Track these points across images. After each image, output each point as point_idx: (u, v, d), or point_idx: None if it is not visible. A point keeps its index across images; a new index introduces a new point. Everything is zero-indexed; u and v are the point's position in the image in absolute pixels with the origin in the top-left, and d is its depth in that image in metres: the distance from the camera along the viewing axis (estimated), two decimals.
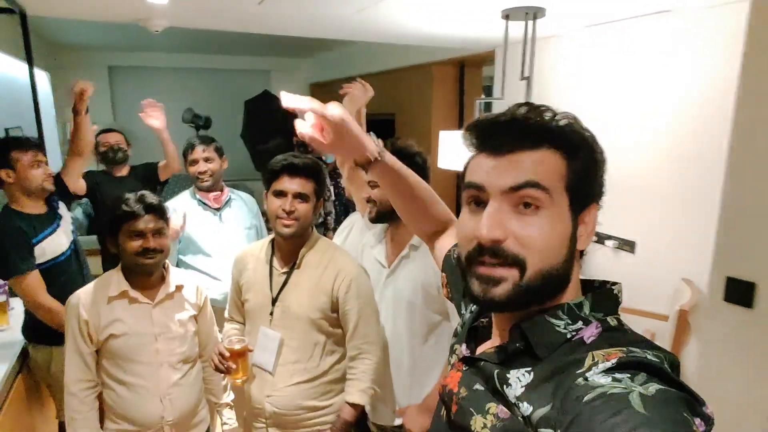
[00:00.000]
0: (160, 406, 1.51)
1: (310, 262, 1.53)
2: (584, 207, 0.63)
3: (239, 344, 1.47)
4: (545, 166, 0.60)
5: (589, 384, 0.51)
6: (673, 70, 2.54)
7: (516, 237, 0.59)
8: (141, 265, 1.48)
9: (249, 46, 5.80)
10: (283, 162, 1.48)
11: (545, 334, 0.60)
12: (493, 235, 0.59)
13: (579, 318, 0.61)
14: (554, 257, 0.60)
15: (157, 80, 6.54)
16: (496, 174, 0.61)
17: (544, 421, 0.54)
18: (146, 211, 1.48)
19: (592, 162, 0.63)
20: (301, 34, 3.34)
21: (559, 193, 0.60)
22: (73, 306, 1.47)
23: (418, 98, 4.66)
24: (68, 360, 1.48)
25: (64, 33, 4.82)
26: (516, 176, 0.59)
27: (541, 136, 0.61)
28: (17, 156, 1.92)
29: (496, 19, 2.59)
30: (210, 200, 2.38)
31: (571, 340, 0.59)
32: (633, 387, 0.48)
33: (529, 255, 0.59)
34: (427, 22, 2.84)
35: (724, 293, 1.53)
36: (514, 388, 0.59)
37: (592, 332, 0.59)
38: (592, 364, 0.54)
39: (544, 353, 0.59)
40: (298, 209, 1.46)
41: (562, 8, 2.45)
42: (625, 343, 0.55)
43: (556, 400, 0.53)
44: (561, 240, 0.60)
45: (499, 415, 0.59)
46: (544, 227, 0.59)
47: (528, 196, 0.59)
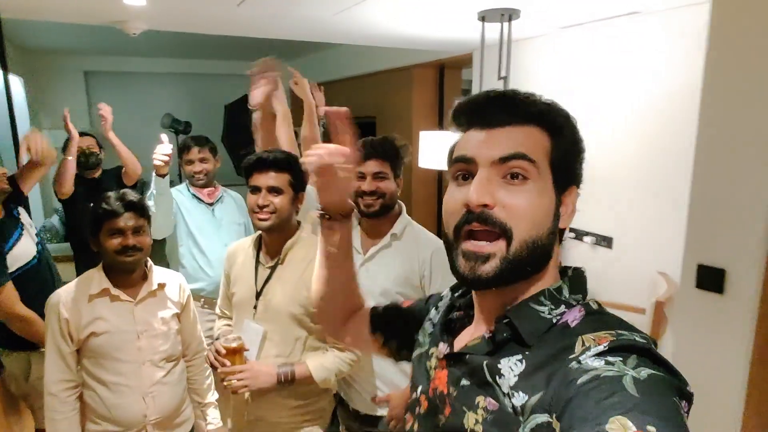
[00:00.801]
0: (143, 405, 1.50)
1: (294, 257, 1.54)
2: (566, 187, 0.65)
3: (235, 342, 1.47)
4: (532, 140, 0.63)
5: (583, 367, 0.52)
6: (642, 69, 2.62)
7: (504, 205, 0.60)
8: (121, 262, 1.48)
9: (229, 50, 5.78)
10: (254, 158, 1.51)
11: (531, 321, 0.61)
12: (483, 199, 0.60)
13: (561, 302, 0.63)
14: (539, 228, 0.61)
15: (135, 85, 6.46)
16: (486, 146, 0.63)
17: (539, 406, 0.54)
18: (126, 209, 1.48)
19: (573, 144, 0.66)
20: (279, 37, 3.35)
21: (544, 168, 0.62)
22: (53, 305, 1.46)
23: (399, 101, 4.70)
24: (48, 360, 1.46)
25: (37, 37, 4.74)
26: (505, 148, 0.61)
27: (529, 113, 0.63)
28: None
29: (473, 20, 2.64)
30: (204, 195, 2.50)
31: (556, 324, 0.61)
32: (626, 370, 0.49)
33: (515, 224, 0.60)
34: (405, 24, 2.87)
35: (696, 280, 1.58)
36: (507, 378, 0.59)
37: (575, 316, 0.61)
38: (584, 348, 0.55)
39: (532, 340, 0.60)
40: (273, 202, 1.47)
41: (536, 10, 2.51)
42: (610, 326, 0.57)
43: (550, 385, 0.54)
44: (545, 212, 0.62)
45: (488, 407, 0.59)
46: (531, 198, 0.61)
47: (516, 167, 0.61)
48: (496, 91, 0.66)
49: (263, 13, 2.62)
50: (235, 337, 1.48)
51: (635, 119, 2.69)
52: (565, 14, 2.65)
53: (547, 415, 0.53)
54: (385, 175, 1.63)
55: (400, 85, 4.67)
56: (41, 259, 2.05)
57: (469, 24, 2.74)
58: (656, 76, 2.56)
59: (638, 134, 2.69)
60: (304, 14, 2.65)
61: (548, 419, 0.53)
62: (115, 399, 1.48)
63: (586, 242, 3.08)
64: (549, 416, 0.53)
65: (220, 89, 6.60)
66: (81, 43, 5.28)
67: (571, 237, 3.17)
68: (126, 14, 2.70)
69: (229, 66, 6.70)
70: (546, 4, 2.42)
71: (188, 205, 2.45)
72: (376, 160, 1.62)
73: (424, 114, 4.54)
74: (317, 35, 3.32)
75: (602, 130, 2.87)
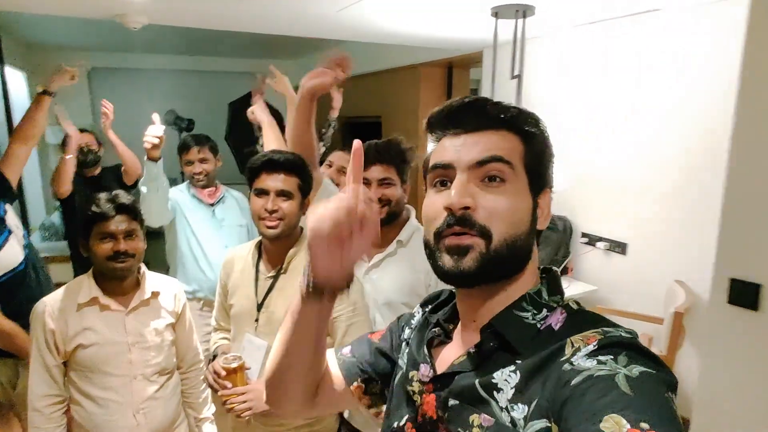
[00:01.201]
0: (134, 422, 1.40)
1: (298, 266, 1.44)
2: (540, 190, 0.67)
3: (236, 362, 1.37)
4: (507, 144, 0.64)
5: (576, 368, 0.53)
6: (666, 68, 2.51)
7: (483, 207, 0.62)
8: (112, 269, 1.38)
9: (233, 47, 5.71)
10: (262, 158, 1.39)
11: (517, 328, 0.62)
12: (464, 201, 0.61)
13: (542, 306, 0.64)
14: (517, 228, 0.63)
15: (138, 82, 6.38)
16: (463, 150, 0.64)
17: (536, 412, 0.55)
18: (117, 211, 1.38)
19: (544, 147, 0.68)
20: (283, 33, 3.26)
21: (520, 170, 0.64)
22: (38, 314, 1.36)
23: (406, 100, 4.60)
24: (33, 373, 1.37)
25: (41, 32, 4.69)
26: (482, 151, 0.63)
27: (501, 118, 0.65)
28: None
29: (486, 17, 2.54)
30: (204, 196, 2.43)
31: (541, 330, 0.62)
32: (618, 369, 0.50)
33: (494, 225, 0.61)
34: (413, 20, 2.78)
35: (728, 295, 1.47)
36: (505, 392, 0.58)
37: (558, 318, 0.62)
38: (575, 349, 0.56)
39: (521, 347, 0.60)
40: (282, 207, 1.37)
41: (552, 6, 2.41)
42: (594, 324, 0.59)
43: (545, 390, 0.55)
44: (524, 213, 0.64)
45: (483, 424, 0.59)
46: (509, 199, 0.62)
47: (494, 170, 0.63)
48: (469, 98, 0.67)
49: (265, 8, 2.53)
50: (235, 357, 1.38)
51: (655, 121, 2.58)
52: (582, 11, 2.55)
53: (545, 420, 0.53)
54: (390, 181, 1.53)
55: (407, 84, 4.57)
56: (28, 264, 1.93)
57: (481, 21, 2.65)
58: (681, 76, 2.44)
59: (658, 137, 2.58)
60: (306, 10, 2.56)
61: (547, 424, 0.53)
62: (103, 415, 1.38)
63: (599, 248, 2.98)
64: (547, 421, 0.53)
65: (224, 87, 6.52)
66: (85, 40, 5.23)
67: (584, 242, 3.06)
68: (126, 8, 2.62)
69: (233, 63, 6.62)
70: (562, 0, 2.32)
71: (189, 205, 2.37)
72: (381, 165, 1.52)
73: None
74: (320, 32, 3.22)
75: (619, 131, 2.76)
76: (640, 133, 2.66)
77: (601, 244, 2.97)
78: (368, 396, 0.82)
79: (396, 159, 1.55)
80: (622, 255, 2.88)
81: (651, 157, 2.63)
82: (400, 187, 1.56)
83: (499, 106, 0.66)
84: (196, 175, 2.38)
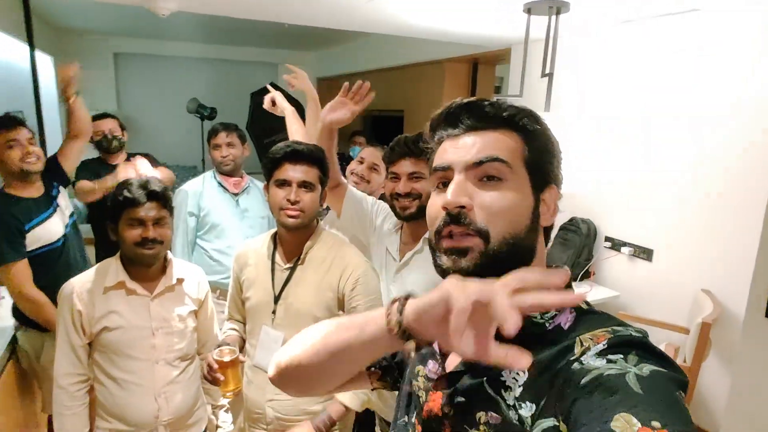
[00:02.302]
0: (155, 405, 1.42)
1: (315, 257, 1.44)
2: (544, 186, 0.66)
3: (229, 356, 1.37)
4: (505, 144, 0.64)
5: (585, 367, 0.52)
6: (699, 70, 2.43)
7: (480, 207, 0.62)
8: (140, 255, 1.39)
9: (257, 37, 5.71)
10: (285, 149, 1.38)
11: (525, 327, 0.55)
12: (459, 200, 0.62)
13: None
14: (516, 226, 0.62)
15: (162, 69, 6.44)
16: (461, 152, 0.65)
17: (545, 411, 0.54)
18: (148, 198, 1.39)
19: (546, 145, 0.68)
20: (310, 23, 3.25)
21: (519, 168, 0.64)
22: (66, 295, 1.38)
23: (429, 95, 4.56)
24: (59, 351, 1.39)
25: (70, 18, 4.74)
26: (479, 151, 0.64)
27: (499, 118, 0.65)
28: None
29: (517, 13, 2.49)
30: (229, 185, 2.45)
31: (550, 328, 0.61)
32: (628, 368, 0.50)
33: (491, 225, 0.61)
34: (441, 15, 2.74)
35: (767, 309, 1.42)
36: (513, 390, 0.58)
37: (567, 317, 0.62)
38: (584, 348, 0.55)
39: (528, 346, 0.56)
40: (303, 199, 1.36)
41: (587, 3, 2.36)
42: (603, 324, 0.58)
43: (554, 389, 0.54)
44: (522, 211, 0.63)
45: (491, 422, 0.59)
46: (507, 197, 0.62)
47: (491, 169, 0.63)
48: (465, 100, 0.68)
49: None
50: (229, 349, 1.38)
51: (689, 125, 2.51)
52: (618, 8, 2.49)
53: (554, 419, 0.53)
54: (421, 175, 1.52)
55: (431, 79, 4.52)
56: (68, 242, 2.00)
57: (511, 17, 2.60)
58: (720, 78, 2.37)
59: (693, 141, 2.51)
60: (339, 1, 2.53)
61: (555, 423, 0.53)
62: (125, 397, 1.40)
63: (624, 253, 2.92)
64: (555, 420, 0.53)
65: (247, 76, 6.55)
66: (112, 25, 5.28)
67: (607, 246, 3.01)
68: None
69: (257, 53, 6.63)
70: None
71: (213, 194, 2.39)
72: (411, 159, 1.52)
73: None
74: (348, 23, 3.20)
75: (651, 134, 2.69)
76: (672, 136, 2.59)
77: (625, 249, 2.91)
78: (383, 382, 0.83)
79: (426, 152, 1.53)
80: (648, 261, 2.82)
81: (683, 162, 2.56)
82: None
83: (497, 105, 0.66)
84: (223, 159, 2.40)
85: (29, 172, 1.89)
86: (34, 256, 1.86)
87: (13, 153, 1.84)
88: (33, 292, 1.81)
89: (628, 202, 2.86)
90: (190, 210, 2.35)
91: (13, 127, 1.87)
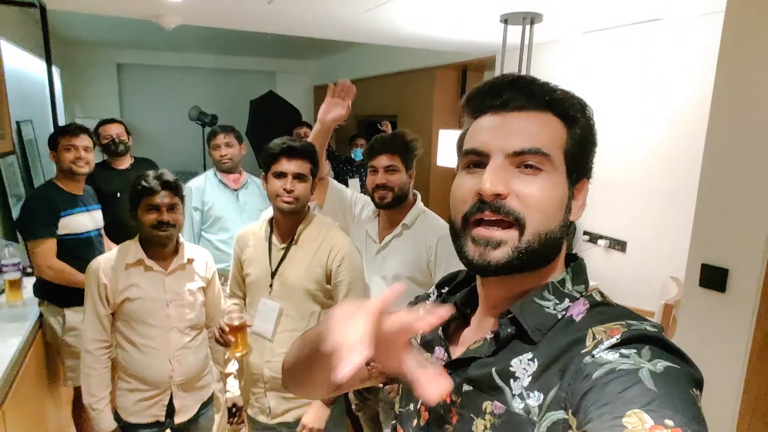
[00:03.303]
0: (169, 367, 1.62)
1: (306, 238, 1.64)
2: (578, 180, 0.63)
3: (238, 320, 1.58)
4: (548, 130, 0.60)
5: (597, 361, 0.51)
6: (660, 76, 2.66)
7: (518, 195, 0.58)
8: (156, 236, 1.60)
9: (255, 47, 5.92)
10: (281, 145, 1.59)
11: (536, 317, 0.60)
12: (497, 188, 0.58)
13: (564, 295, 0.61)
14: (552, 221, 0.60)
15: (164, 78, 6.66)
16: (501, 136, 0.60)
17: (554, 403, 0.54)
18: (162, 187, 1.60)
19: (588, 135, 0.64)
20: (308, 35, 3.47)
21: (559, 159, 0.60)
22: (93, 270, 1.59)
23: (421, 100, 4.79)
24: (87, 321, 1.59)
25: (75, 29, 4.93)
26: (520, 140, 0.59)
27: (546, 100, 0.61)
28: (59, 140, 2.18)
29: (495, 23, 2.71)
30: (229, 181, 2.68)
31: (561, 319, 0.60)
32: (641, 363, 0.49)
33: (528, 215, 0.58)
34: (429, 25, 2.96)
35: (700, 279, 1.63)
36: (522, 380, 0.57)
37: (580, 309, 0.60)
38: (596, 341, 0.54)
39: (538, 336, 0.59)
40: (297, 188, 1.57)
41: (559, 14, 2.58)
42: (617, 317, 0.56)
43: (564, 381, 0.54)
44: (559, 204, 0.60)
45: (495, 411, 0.58)
46: (545, 189, 0.59)
47: (532, 159, 0.59)
48: (513, 75, 0.63)
49: (292, 10, 2.74)
50: (238, 315, 1.60)
51: (649, 125, 2.74)
52: (586, 19, 2.71)
53: (563, 411, 0.52)
54: (395, 168, 1.74)
55: (423, 85, 4.76)
56: (91, 240, 2.29)
57: (492, 27, 2.82)
58: (673, 84, 2.60)
59: (652, 139, 2.74)
60: (331, 12, 2.75)
61: (564, 416, 0.52)
62: (144, 360, 1.60)
63: (600, 245, 3.12)
64: (565, 412, 0.52)
65: (246, 84, 6.77)
66: (116, 37, 5.46)
67: (585, 240, 3.22)
68: (164, 8, 2.84)
69: (256, 62, 6.87)
70: (568, 9, 2.48)
71: (215, 190, 2.61)
72: (387, 154, 1.74)
73: (444, 114, 4.62)
74: (343, 34, 3.42)
75: (618, 135, 2.92)
76: (639, 137, 2.81)
77: (602, 241, 3.12)
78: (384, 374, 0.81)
79: (400, 148, 1.75)
80: (622, 252, 3.03)
81: (651, 159, 2.78)
82: (405, 174, 1.76)
83: (545, 86, 0.62)
84: (222, 158, 2.63)
85: (76, 173, 2.19)
86: (62, 241, 2.13)
87: (69, 155, 2.16)
88: (57, 263, 2.09)
89: (603, 198, 3.08)
90: (194, 205, 2.56)
91: (76, 134, 2.19)
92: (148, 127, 6.45)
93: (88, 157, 2.22)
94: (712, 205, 1.61)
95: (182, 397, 1.67)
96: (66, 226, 2.15)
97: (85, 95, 6.12)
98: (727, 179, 1.56)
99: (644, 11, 2.54)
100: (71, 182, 2.22)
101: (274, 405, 1.64)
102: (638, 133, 2.83)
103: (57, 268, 2.09)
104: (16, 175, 2.89)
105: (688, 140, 2.58)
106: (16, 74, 3.06)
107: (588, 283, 0.65)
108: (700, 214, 1.65)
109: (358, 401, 2.01)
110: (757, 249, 1.50)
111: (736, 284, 1.55)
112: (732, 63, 1.54)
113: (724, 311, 1.58)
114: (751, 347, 1.51)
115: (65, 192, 2.19)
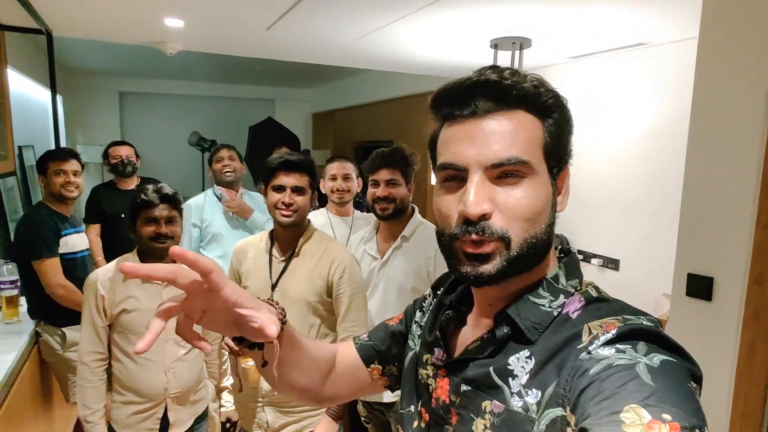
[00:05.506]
0: (164, 379, 1.62)
1: (307, 251, 1.67)
2: (559, 171, 0.63)
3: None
4: (524, 132, 0.59)
5: (594, 357, 0.51)
6: (646, 98, 2.76)
7: (502, 209, 0.58)
8: (154, 248, 1.63)
9: (254, 75, 6.07)
10: (279, 160, 1.63)
11: (532, 316, 0.60)
12: (481, 209, 0.57)
13: (559, 292, 0.61)
14: (537, 225, 0.59)
15: (165, 106, 6.80)
16: (476, 146, 0.58)
17: (552, 400, 0.54)
18: (161, 200, 1.64)
19: (563, 121, 0.62)
20: (304, 60, 3.58)
21: (539, 161, 0.59)
22: (92, 282, 1.61)
23: (416, 126, 4.89)
24: (83, 333, 1.60)
25: (78, 57, 5.06)
26: (497, 150, 0.57)
27: (517, 98, 0.59)
28: (48, 164, 2.23)
29: (486, 48, 2.82)
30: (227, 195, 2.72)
31: (557, 317, 0.60)
32: (638, 358, 0.48)
33: (512, 229, 0.58)
34: (421, 50, 3.07)
35: (686, 288, 1.67)
36: (520, 378, 0.57)
37: (576, 306, 0.60)
38: (592, 336, 0.54)
39: (535, 335, 0.59)
40: (296, 201, 1.61)
41: (547, 40, 2.68)
42: (614, 312, 0.56)
43: (561, 378, 0.54)
44: (544, 206, 0.60)
45: (494, 411, 0.58)
46: (528, 196, 0.58)
47: (512, 169, 0.58)
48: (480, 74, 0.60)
49: (289, 36, 2.84)
50: None
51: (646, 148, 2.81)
52: (573, 45, 2.82)
53: (561, 408, 0.52)
54: (396, 182, 1.80)
55: (419, 110, 4.87)
56: (85, 259, 2.35)
57: (482, 52, 2.92)
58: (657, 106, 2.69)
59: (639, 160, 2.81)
60: (326, 38, 2.86)
61: (562, 413, 0.52)
62: (139, 372, 1.61)
63: (594, 264, 3.16)
64: (563, 409, 0.52)
65: (245, 111, 6.91)
66: (118, 65, 5.60)
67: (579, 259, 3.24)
68: (165, 35, 2.95)
69: (255, 90, 7.02)
70: (556, 35, 2.59)
71: (213, 208, 2.66)
72: (388, 168, 1.80)
73: None
74: (338, 59, 3.54)
75: (607, 156, 2.99)
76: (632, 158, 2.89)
77: (595, 260, 3.16)
78: (386, 377, 0.82)
79: (400, 162, 1.82)
80: (615, 271, 3.07)
81: (642, 180, 2.85)
82: (405, 187, 1.82)
83: (513, 81, 0.59)
84: (224, 168, 2.70)
85: (66, 197, 2.25)
86: (62, 258, 2.18)
87: (58, 179, 2.22)
88: (65, 281, 2.13)
89: (597, 218, 3.13)
90: (193, 221, 2.60)
91: (65, 159, 2.25)
92: (148, 153, 6.49)
93: (78, 182, 2.28)
94: (695, 217, 1.66)
95: (177, 410, 1.67)
96: (64, 246, 2.20)
97: (87, 122, 6.23)
98: (709, 192, 1.62)
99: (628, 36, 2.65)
100: (62, 205, 2.28)
101: (271, 419, 1.64)
102: (628, 156, 2.91)
103: (69, 287, 2.13)
104: (16, 199, 2.94)
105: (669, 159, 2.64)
106: (18, 100, 3.14)
107: (581, 276, 0.64)
108: (685, 226, 1.70)
109: (367, 413, 2.00)
110: (740, 257, 1.54)
111: (721, 292, 1.59)
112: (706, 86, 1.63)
113: (712, 319, 1.61)
114: (739, 354, 1.53)
115: (59, 213, 2.25)
